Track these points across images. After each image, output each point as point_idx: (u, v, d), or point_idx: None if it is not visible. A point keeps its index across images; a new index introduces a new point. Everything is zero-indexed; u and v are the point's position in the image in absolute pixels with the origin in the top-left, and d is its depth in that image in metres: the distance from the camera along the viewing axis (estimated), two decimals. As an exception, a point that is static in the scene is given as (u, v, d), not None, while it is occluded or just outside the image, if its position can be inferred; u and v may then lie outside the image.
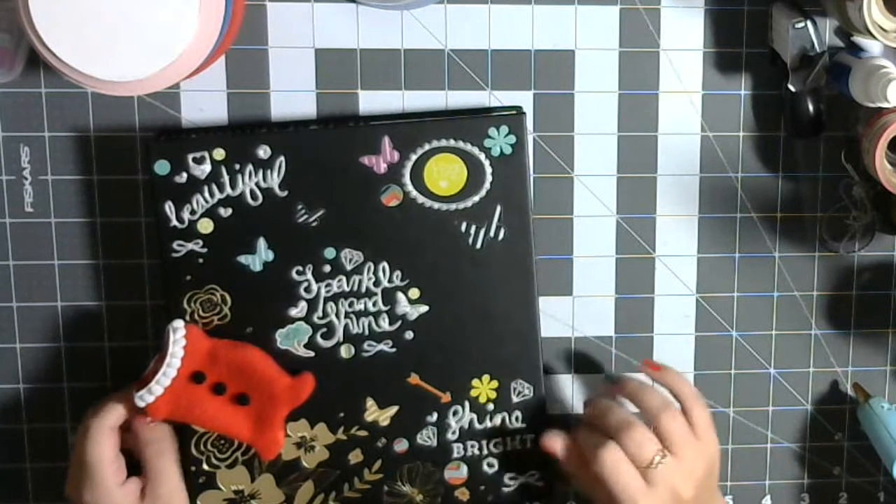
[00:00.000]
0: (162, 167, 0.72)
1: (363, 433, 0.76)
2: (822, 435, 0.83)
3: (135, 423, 0.72)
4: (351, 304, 0.75)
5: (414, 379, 0.76)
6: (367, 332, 0.75)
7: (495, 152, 0.74)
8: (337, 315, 0.75)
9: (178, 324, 0.72)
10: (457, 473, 0.77)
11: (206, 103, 0.75)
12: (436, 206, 0.74)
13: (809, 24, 0.73)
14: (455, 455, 0.77)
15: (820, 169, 0.79)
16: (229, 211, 0.73)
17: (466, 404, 0.76)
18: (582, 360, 0.80)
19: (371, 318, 0.75)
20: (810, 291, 0.81)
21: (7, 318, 0.77)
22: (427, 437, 0.76)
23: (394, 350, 0.75)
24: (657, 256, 0.79)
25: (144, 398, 0.71)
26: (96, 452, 0.70)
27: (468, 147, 0.74)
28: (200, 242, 0.73)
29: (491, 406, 0.77)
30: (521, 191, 0.75)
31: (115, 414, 0.72)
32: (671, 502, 0.69)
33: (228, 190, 0.73)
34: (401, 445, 0.76)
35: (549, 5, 0.76)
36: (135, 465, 0.73)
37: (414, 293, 0.75)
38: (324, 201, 0.73)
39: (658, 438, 0.69)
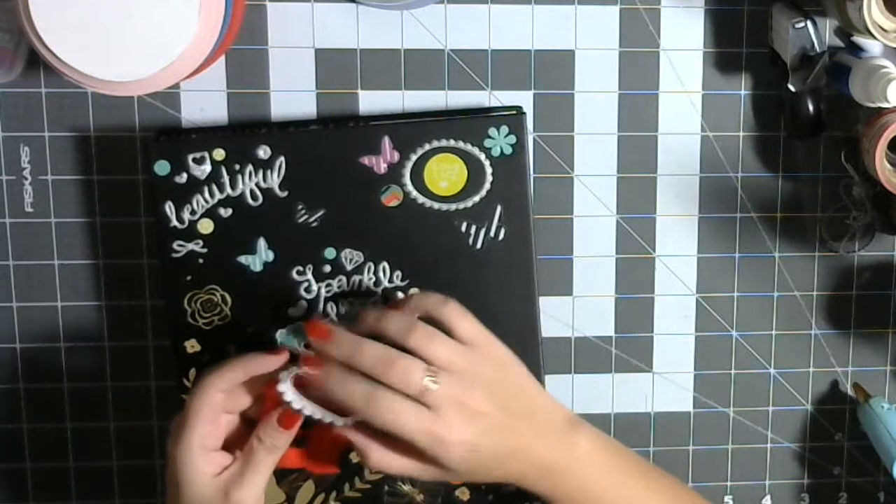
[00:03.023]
0: (162, 167, 0.72)
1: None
2: (822, 435, 0.83)
3: (265, 413, 0.65)
4: (351, 304, 0.75)
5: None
6: None
7: (495, 152, 0.74)
8: (337, 315, 0.75)
9: None
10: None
11: (206, 103, 0.75)
12: (436, 206, 0.74)
13: (809, 24, 0.73)
14: (455, 455, 0.77)
15: (820, 169, 0.79)
16: (229, 211, 0.73)
17: (466, 404, 0.76)
18: (582, 360, 0.80)
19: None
20: (810, 291, 0.81)
21: (7, 318, 0.77)
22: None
23: None
24: (657, 256, 0.80)
25: (289, 397, 0.64)
26: (195, 406, 0.64)
27: (468, 147, 0.74)
28: (201, 242, 0.73)
29: (491, 406, 0.76)
30: (521, 191, 0.75)
31: (229, 378, 0.65)
32: (466, 418, 0.63)
33: (228, 190, 0.73)
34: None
35: (549, 5, 0.76)
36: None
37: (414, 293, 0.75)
38: (324, 201, 0.73)
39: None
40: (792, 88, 0.74)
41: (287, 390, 0.64)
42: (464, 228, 0.75)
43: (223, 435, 0.66)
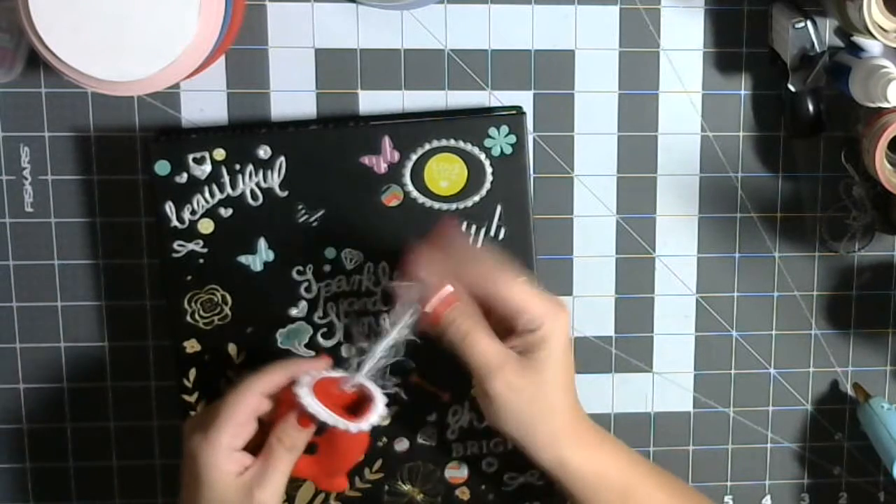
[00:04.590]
0: (162, 167, 0.72)
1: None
2: (822, 435, 0.83)
3: (281, 415, 0.66)
4: (351, 304, 0.75)
5: (414, 378, 0.76)
6: (367, 331, 0.75)
7: (495, 152, 0.74)
8: (337, 315, 0.75)
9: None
10: (457, 472, 0.77)
11: (206, 103, 0.75)
12: (436, 205, 0.74)
13: (809, 24, 0.73)
14: (455, 454, 0.77)
15: (820, 169, 0.79)
16: (230, 211, 0.73)
17: (466, 403, 0.76)
18: (582, 360, 0.80)
19: (371, 317, 0.75)
20: (810, 291, 0.81)
21: (7, 318, 0.77)
22: (427, 437, 0.76)
23: (394, 349, 0.75)
24: (657, 256, 0.80)
25: (307, 401, 0.64)
26: (231, 406, 0.64)
27: (468, 147, 0.74)
28: (201, 242, 0.73)
29: (491, 406, 0.76)
30: (521, 191, 0.75)
31: (271, 382, 0.66)
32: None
33: (229, 190, 0.73)
34: (401, 445, 0.76)
35: (549, 5, 0.76)
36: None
37: (414, 293, 0.75)
38: (324, 201, 0.74)
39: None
40: (792, 88, 0.74)
41: (305, 396, 0.64)
42: (464, 228, 0.75)
43: (249, 437, 0.66)
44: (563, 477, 0.65)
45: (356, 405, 0.66)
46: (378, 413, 0.65)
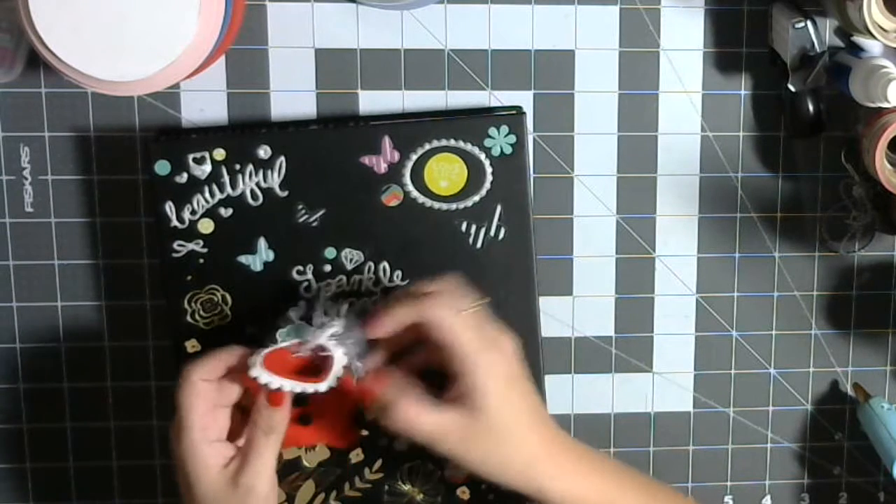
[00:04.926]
0: (162, 167, 0.72)
1: (364, 432, 0.76)
2: (822, 435, 0.83)
3: (257, 396, 0.66)
4: (351, 304, 0.75)
5: (414, 379, 0.76)
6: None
7: (495, 152, 0.74)
8: (337, 315, 0.75)
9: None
10: (457, 472, 0.77)
11: (206, 103, 0.75)
12: (436, 205, 0.74)
13: (809, 24, 0.73)
14: (455, 455, 0.77)
15: (820, 169, 0.79)
16: (230, 211, 0.73)
17: (466, 404, 0.76)
18: (582, 360, 0.80)
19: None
20: (810, 291, 0.81)
21: (7, 318, 0.77)
22: (427, 437, 0.76)
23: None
24: (657, 256, 0.80)
25: (263, 377, 0.64)
26: (184, 400, 0.65)
27: (468, 147, 0.74)
28: (201, 242, 0.73)
29: (491, 406, 0.76)
30: (521, 191, 0.75)
31: (212, 367, 0.66)
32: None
33: (229, 190, 0.73)
34: (401, 445, 0.76)
35: (549, 5, 0.76)
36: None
37: (414, 293, 0.75)
38: (324, 201, 0.74)
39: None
40: (792, 88, 0.74)
41: (259, 373, 0.64)
42: (464, 228, 0.75)
43: (224, 427, 0.67)
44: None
45: (318, 366, 0.66)
46: (340, 364, 0.65)
